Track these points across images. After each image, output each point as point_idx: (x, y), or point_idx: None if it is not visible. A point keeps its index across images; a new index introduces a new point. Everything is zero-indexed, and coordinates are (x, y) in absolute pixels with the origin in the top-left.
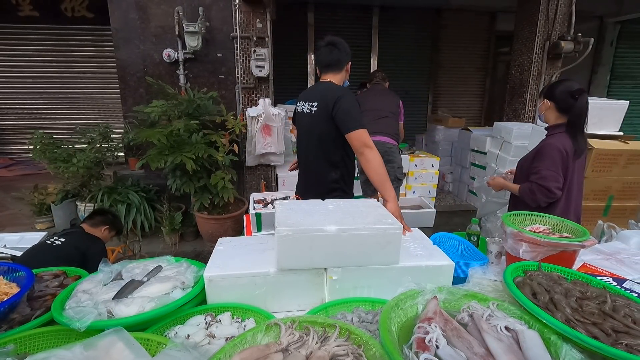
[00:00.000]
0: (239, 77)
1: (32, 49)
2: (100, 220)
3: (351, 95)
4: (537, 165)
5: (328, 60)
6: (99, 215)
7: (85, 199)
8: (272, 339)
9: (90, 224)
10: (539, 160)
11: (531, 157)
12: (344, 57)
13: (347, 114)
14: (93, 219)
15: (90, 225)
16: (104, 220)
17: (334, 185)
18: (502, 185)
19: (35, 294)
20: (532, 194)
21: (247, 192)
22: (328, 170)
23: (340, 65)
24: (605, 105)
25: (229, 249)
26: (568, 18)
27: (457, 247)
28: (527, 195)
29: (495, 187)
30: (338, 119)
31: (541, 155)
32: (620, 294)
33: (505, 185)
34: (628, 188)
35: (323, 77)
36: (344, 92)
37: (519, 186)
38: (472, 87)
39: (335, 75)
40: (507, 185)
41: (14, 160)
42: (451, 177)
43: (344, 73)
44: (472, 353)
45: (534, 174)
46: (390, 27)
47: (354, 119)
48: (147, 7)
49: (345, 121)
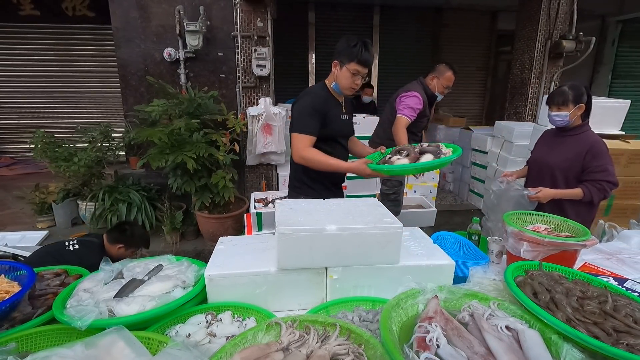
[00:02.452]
0: (239, 76)
1: (33, 48)
2: (116, 237)
3: (307, 97)
4: (601, 164)
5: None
6: (117, 231)
7: (86, 198)
8: (273, 338)
9: (108, 239)
10: (599, 158)
11: (580, 156)
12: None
13: (293, 117)
14: (111, 234)
15: (108, 240)
16: (120, 237)
17: (295, 183)
18: (554, 195)
19: (36, 293)
20: (604, 192)
21: (248, 191)
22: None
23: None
24: (606, 104)
25: (229, 248)
26: (569, 17)
27: (458, 247)
28: (598, 195)
29: (545, 198)
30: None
31: (600, 153)
32: (621, 293)
33: (557, 194)
34: (629, 188)
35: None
36: (303, 94)
37: (579, 190)
38: (473, 87)
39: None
40: (561, 193)
41: (15, 159)
42: (452, 176)
43: (332, 72)
44: (473, 352)
45: (601, 172)
46: (391, 26)
47: (293, 123)
48: (147, 6)
49: (291, 123)
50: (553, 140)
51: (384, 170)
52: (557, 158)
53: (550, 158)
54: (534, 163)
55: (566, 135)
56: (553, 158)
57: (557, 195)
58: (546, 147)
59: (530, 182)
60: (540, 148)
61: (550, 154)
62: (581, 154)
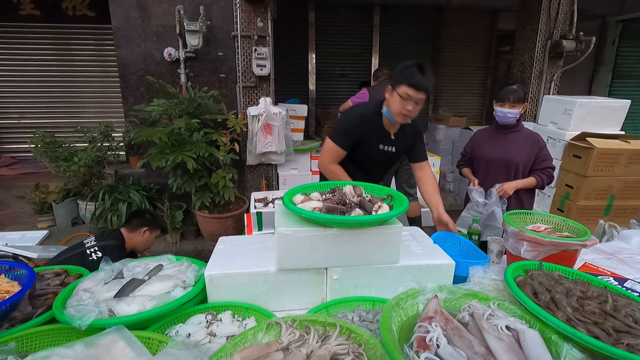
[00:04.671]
0: (239, 76)
1: (33, 48)
2: (137, 222)
3: (353, 111)
4: (546, 153)
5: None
6: (135, 217)
7: (86, 197)
8: (273, 337)
9: (128, 229)
10: (544, 148)
11: (534, 149)
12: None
13: (337, 122)
14: (131, 223)
15: (129, 229)
16: (142, 222)
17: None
18: (515, 187)
19: (36, 293)
20: (551, 177)
21: (248, 191)
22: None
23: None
24: (606, 104)
25: (229, 247)
26: (570, 17)
27: (458, 246)
28: (547, 181)
29: (510, 190)
30: None
31: (544, 144)
32: (622, 293)
33: (518, 185)
34: (629, 187)
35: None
36: (356, 106)
37: (533, 179)
38: (473, 86)
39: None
40: (521, 183)
41: (16, 158)
42: (452, 176)
43: (386, 98)
44: (473, 352)
45: (546, 160)
46: (391, 26)
47: (333, 129)
48: (148, 5)
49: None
50: (498, 137)
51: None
52: (517, 153)
53: (509, 155)
54: (490, 162)
55: (509, 132)
56: (513, 154)
57: (518, 186)
58: (496, 145)
59: (489, 180)
60: (491, 147)
61: (507, 150)
62: (534, 147)
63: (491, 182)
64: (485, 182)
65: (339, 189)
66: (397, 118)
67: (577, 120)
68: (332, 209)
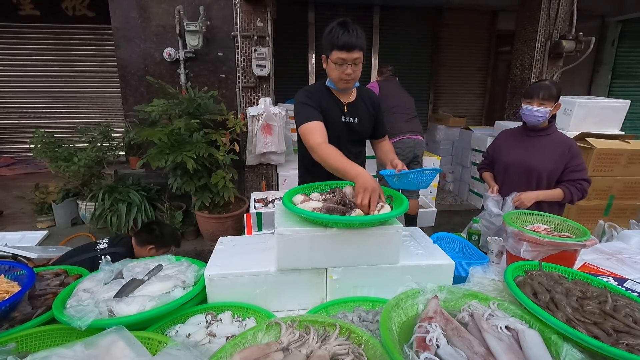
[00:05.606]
0: (239, 76)
1: (32, 48)
2: (145, 238)
3: (299, 91)
4: (579, 163)
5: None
6: (145, 232)
7: (86, 197)
8: (273, 338)
9: (137, 242)
10: (578, 157)
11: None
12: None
13: (294, 115)
14: (140, 236)
15: (137, 243)
16: (150, 238)
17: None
18: (536, 198)
19: (36, 293)
20: (583, 192)
21: (248, 191)
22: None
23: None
24: (606, 104)
25: (229, 248)
26: (569, 17)
27: (458, 247)
28: (578, 195)
29: (528, 202)
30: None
31: (578, 152)
32: (621, 293)
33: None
34: (629, 188)
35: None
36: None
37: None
38: (473, 86)
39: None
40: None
41: (15, 159)
42: (452, 176)
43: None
44: (473, 352)
45: (579, 171)
46: (391, 26)
47: (295, 119)
48: (147, 6)
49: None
50: (523, 140)
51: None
52: (541, 160)
53: (533, 161)
54: (510, 167)
55: (537, 136)
56: (536, 160)
57: (539, 197)
58: (519, 148)
59: (508, 187)
60: (513, 150)
61: (530, 156)
62: (564, 154)
63: (508, 190)
64: (503, 190)
65: (339, 189)
66: (340, 85)
67: (576, 120)
68: (332, 209)
